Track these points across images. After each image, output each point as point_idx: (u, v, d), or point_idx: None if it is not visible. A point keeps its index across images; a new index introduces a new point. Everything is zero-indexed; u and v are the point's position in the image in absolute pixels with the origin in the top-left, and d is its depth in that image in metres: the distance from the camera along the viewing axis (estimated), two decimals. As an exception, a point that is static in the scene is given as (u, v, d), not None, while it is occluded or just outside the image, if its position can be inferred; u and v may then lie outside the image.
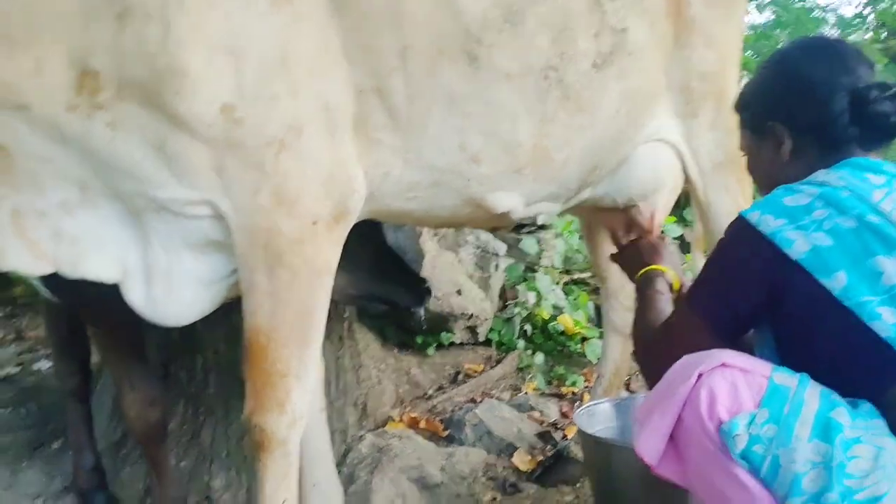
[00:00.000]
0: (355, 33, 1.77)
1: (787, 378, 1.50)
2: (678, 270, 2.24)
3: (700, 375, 1.52)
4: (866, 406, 1.49)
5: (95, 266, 1.77)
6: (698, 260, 3.23)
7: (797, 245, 1.53)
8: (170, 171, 1.67)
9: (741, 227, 1.63)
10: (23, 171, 1.67)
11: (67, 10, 1.54)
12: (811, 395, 1.47)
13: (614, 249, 2.65)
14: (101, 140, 1.63)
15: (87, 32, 1.56)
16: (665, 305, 2.03)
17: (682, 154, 2.52)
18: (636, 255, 2.30)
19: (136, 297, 1.81)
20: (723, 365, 1.52)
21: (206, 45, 1.60)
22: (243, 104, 1.65)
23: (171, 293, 1.79)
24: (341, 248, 1.83)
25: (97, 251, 1.76)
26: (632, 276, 2.27)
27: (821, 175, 1.64)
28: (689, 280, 2.28)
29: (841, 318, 1.50)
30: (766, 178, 1.82)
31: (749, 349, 1.71)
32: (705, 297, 1.70)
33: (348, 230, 1.85)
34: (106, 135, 1.63)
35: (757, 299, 1.61)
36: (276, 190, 1.70)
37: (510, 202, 2.14)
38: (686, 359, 1.59)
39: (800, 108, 1.73)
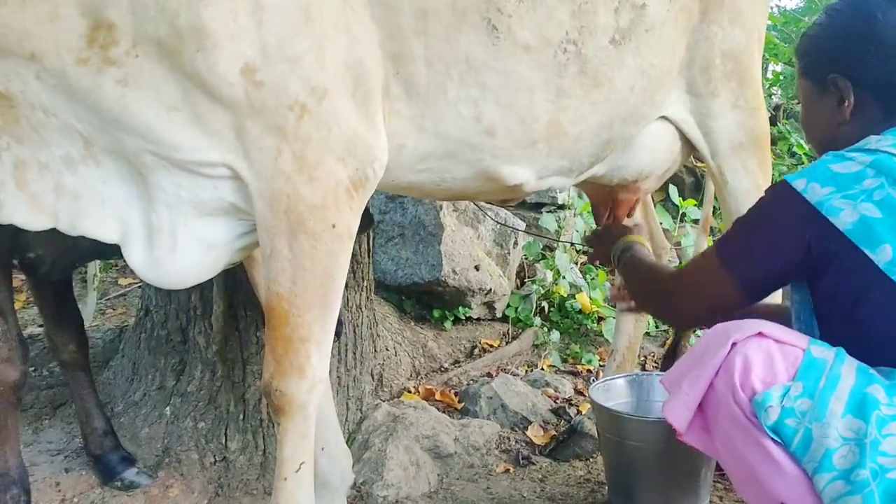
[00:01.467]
0: None
1: (823, 351, 1.48)
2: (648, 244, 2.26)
3: (734, 344, 1.50)
4: None
5: (95, 224, 1.74)
6: (701, 241, 3.19)
7: (844, 215, 1.49)
8: (187, 132, 1.63)
9: (786, 193, 1.57)
10: (27, 122, 1.64)
11: None
12: (848, 370, 1.45)
13: None
14: (111, 96, 1.59)
15: None
16: (653, 259, 2.04)
17: (688, 133, 2.48)
18: (607, 234, 2.31)
19: (137, 258, 1.78)
20: (759, 334, 1.50)
21: (230, 1, 1.56)
22: (266, 65, 1.61)
23: (175, 254, 1.76)
24: (361, 214, 1.82)
25: (98, 209, 1.74)
26: (606, 257, 2.27)
27: (872, 141, 1.58)
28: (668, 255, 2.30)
29: (885, 291, 1.47)
30: (822, 135, 1.75)
31: (787, 319, 1.69)
32: (737, 253, 1.66)
33: (368, 197, 1.84)
34: (116, 91, 1.59)
35: (789, 265, 1.58)
36: (298, 154, 1.67)
37: (523, 175, 2.12)
38: (719, 326, 1.57)
39: (870, 63, 1.63)
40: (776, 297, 2.25)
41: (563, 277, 4.23)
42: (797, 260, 1.56)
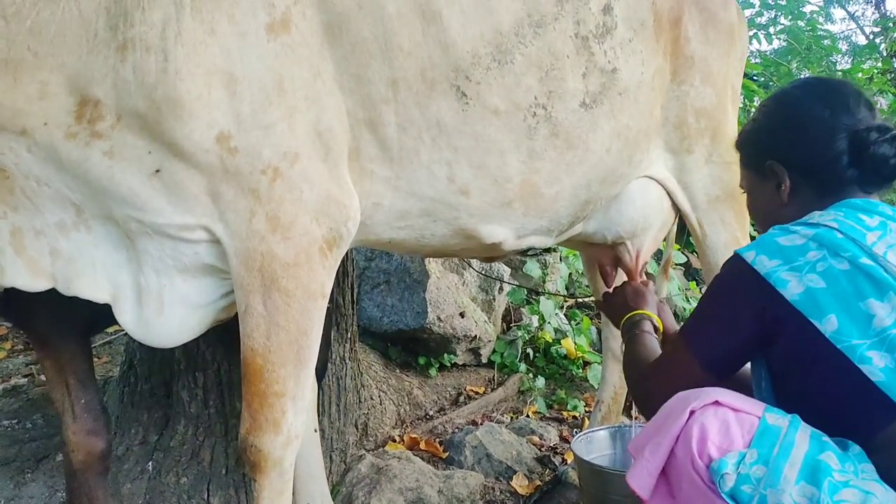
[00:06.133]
0: (346, 63, 1.82)
1: (778, 419, 1.51)
2: (664, 315, 2.27)
3: (692, 412, 1.53)
4: (856, 449, 1.50)
5: (87, 285, 1.80)
6: (661, 284, 3.20)
7: (791, 286, 1.54)
8: (166, 198, 1.70)
9: (737, 265, 1.64)
10: (21, 192, 1.71)
11: (71, 39, 1.58)
12: (802, 437, 1.48)
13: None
14: (98, 167, 1.66)
15: (89, 62, 1.60)
16: (652, 342, 2.06)
17: (671, 190, 2.56)
18: (621, 301, 2.33)
19: (128, 318, 1.83)
20: (715, 403, 1.53)
21: (204, 75, 1.64)
22: (240, 132, 1.68)
23: (162, 315, 1.81)
24: (335, 272, 1.86)
25: (89, 271, 1.79)
26: (617, 322, 2.30)
27: (815, 216, 1.65)
28: (674, 324, 2.31)
29: (832, 360, 1.51)
30: (766, 217, 1.84)
31: (747, 385, 1.72)
32: (699, 334, 1.71)
33: (342, 255, 1.88)
34: (103, 163, 1.66)
35: (749, 337, 1.62)
36: (271, 215, 1.74)
37: (500, 234, 2.18)
38: (680, 395, 1.60)
39: (799, 149, 1.74)
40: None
41: (548, 323, 4.25)
42: (755, 331, 1.61)
